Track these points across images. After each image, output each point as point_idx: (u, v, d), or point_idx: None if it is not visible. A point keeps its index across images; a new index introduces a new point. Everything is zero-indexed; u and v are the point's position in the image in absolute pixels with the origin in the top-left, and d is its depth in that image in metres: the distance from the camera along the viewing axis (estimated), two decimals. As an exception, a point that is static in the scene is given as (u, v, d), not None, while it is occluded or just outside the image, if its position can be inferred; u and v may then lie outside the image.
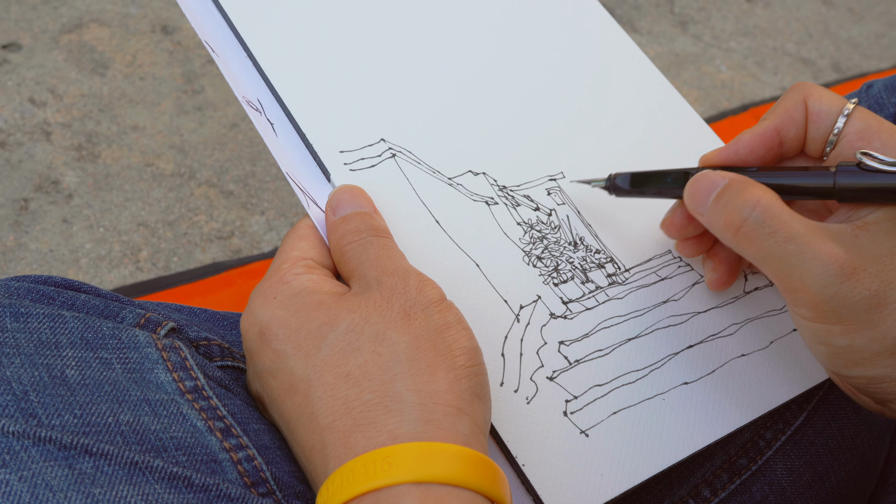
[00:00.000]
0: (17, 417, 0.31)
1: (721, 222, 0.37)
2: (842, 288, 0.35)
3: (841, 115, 0.39)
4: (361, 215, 0.40)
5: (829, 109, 0.39)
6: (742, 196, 0.36)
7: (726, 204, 0.37)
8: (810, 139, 0.40)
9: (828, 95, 0.39)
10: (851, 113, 0.38)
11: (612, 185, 0.44)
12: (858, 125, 0.38)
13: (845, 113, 0.38)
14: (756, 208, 0.36)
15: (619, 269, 0.45)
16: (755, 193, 0.36)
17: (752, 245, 0.36)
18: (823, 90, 0.40)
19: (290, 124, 0.44)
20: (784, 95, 0.41)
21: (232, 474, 0.34)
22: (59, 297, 0.37)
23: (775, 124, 0.40)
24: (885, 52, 1.44)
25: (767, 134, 0.40)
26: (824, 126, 0.39)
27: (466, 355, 0.35)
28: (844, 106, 0.39)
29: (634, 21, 1.36)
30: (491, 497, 0.32)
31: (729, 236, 0.37)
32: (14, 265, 0.90)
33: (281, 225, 0.99)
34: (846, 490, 0.48)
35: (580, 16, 0.54)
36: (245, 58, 0.46)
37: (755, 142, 0.40)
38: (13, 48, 1.08)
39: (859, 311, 0.35)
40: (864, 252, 0.35)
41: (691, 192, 0.39)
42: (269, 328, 0.36)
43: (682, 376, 0.42)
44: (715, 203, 0.38)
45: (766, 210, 0.36)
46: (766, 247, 0.36)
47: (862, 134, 0.38)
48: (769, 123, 0.40)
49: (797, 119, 0.40)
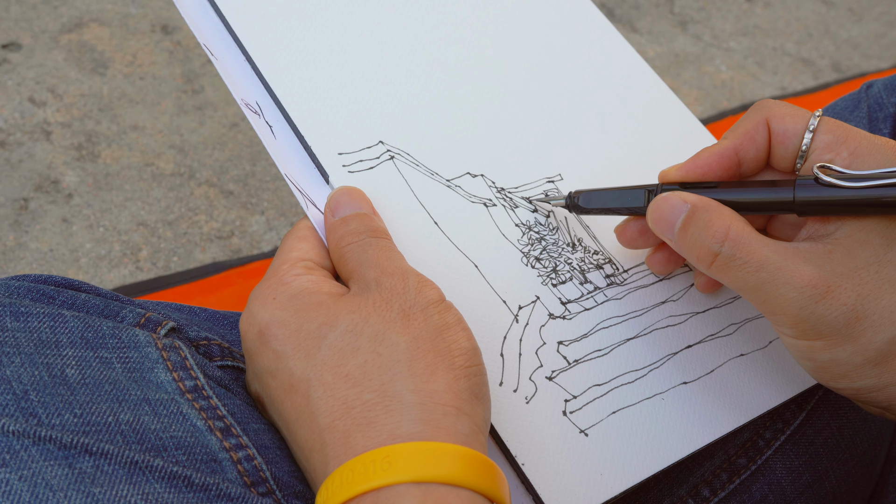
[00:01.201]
0: (17, 416, 0.31)
1: (693, 256, 0.38)
2: (818, 308, 0.35)
3: (807, 130, 0.38)
4: (360, 216, 0.40)
5: (794, 128, 0.38)
6: (710, 230, 0.37)
7: (694, 238, 0.37)
8: (779, 158, 0.39)
9: (791, 114, 0.39)
10: (817, 127, 0.38)
11: (572, 204, 0.43)
12: (826, 138, 0.38)
13: (811, 128, 0.38)
14: (725, 242, 0.36)
15: (617, 269, 0.45)
16: (722, 224, 0.37)
17: (726, 276, 0.37)
18: (787, 107, 0.39)
19: (289, 127, 0.44)
20: (745, 115, 0.40)
21: (232, 474, 0.34)
22: (59, 296, 0.37)
23: (734, 144, 0.40)
24: (885, 52, 1.44)
25: (726, 154, 0.40)
26: (791, 144, 0.39)
27: (465, 355, 0.35)
28: (809, 121, 0.38)
29: (634, 21, 1.36)
30: (490, 496, 0.32)
31: (703, 268, 0.38)
32: (14, 265, 0.90)
33: (281, 225, 0.99)
34: (845, 489, 0.48)
35: (577, 19, 0.54)
36: (244, 61, 0.46)
37: (713, 160, 0.40)
38: (13, 48, 1.09)
39: (838, 326, 0.35)
40: (837, 268, 0.35)
41: (655, 217, 0.39)
42: (268, 328, 0.36)
43: (681, 376, 0.42)
44: (682, 233, 0.38)
45: (735, 243, 0.36)
46: (740, 277, 0.36)
47: (830, 146, 0.37)
48: (728, 143, 0.40)
49: (757, 141, 0.39)
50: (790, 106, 0.39)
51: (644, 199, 0.41)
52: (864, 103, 0.55)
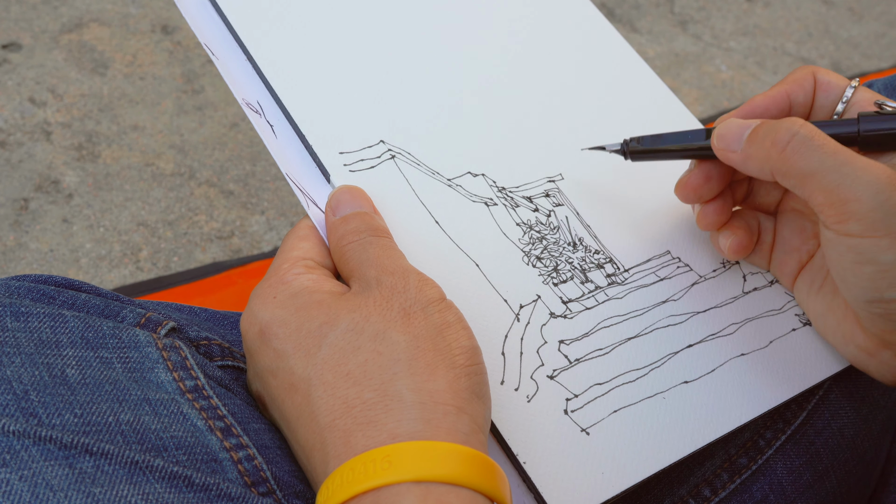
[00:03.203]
0: (17, 417, 0.31)
1: (765, 145, 0.38)
2: (893, 194, 0.35)
3: (849, 86, 0.42)
4: (361, 215, 0.40)
5: (838, 82, 0.42)
6: (784, 122, 0.38)
7: (769, 130, 0.39)
8: (819, 107, 0.43)
9: (835, 74, 0.43)
10: (858, 87, 0.42)
11: (630, 150, 0.45)
12: (865, 95, 0.41)
13: (853, 85, 0.42)
14: (803, 126, 0.38)
15: (618, 269, 0.45)
16: (796, 119, 0.38)
17: (801, 159, 0.37)
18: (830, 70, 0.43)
19: (290, 126, 0.44)
20: (793, 71, 0.44)
21: (232, 474, 0.34)
22: (59, 296, 0.37)
23: (786, 89, 0.43)
24: (885, 52, 1.44)
25: (779, 96, 0.43)
26: (833, 94, 0.42)
27: (466, 354, 0.35)
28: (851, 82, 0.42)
29: (634, 21, 1.36)
30: (491, 496, 0.32)
31: (775, 155, 0.38)
32: (14, 265, 0.90)
33: (281, 224, 0.99)
34: (846, 489, 0.48)
35: (576, 19, 0.54)
36: (245, 61, 0.46)
37: (767, 102, 0.42)
38: (13, 48, 1.09)
39: None
40: None
41: (722, 132, 0.41)
42: (269, 327, 0.36)
43: (682, 375, 0.42)
44: (753, 136, 0.39)
45: (812, 128, 0.38)
46: (816, 158, 0.37)
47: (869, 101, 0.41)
48: (780, 88, 0.43)
49: (806, 87, 0.43)
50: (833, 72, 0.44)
51: (704, 135, 0.43)
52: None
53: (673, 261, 0.46)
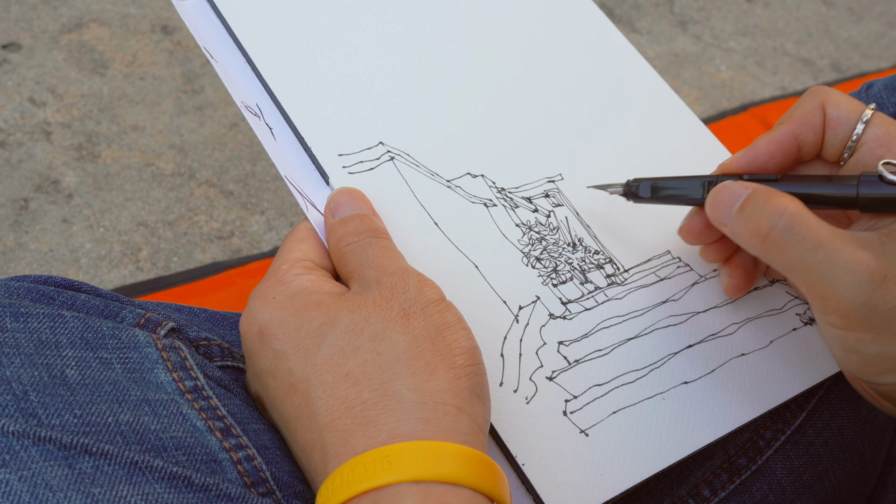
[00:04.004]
0: (17, 417, 0.31)
1: (748, 231, 0.37)
2: (874, 295, 0.34)
3: (860, 121, 0.38)
4: (360, 217, 0.40)
5: (848, 116, 0.38)
6: (768, 205, 0.36)
7: (752, 213, 0.36)
8: (828, 144, 0.39)
9: (846, 101, 0.39)
10: (870, 119, 0.38)
11: (631, 193, 0.44)
12: (878, 131, 0.38)
13: (864, 119, 0.38)
14: (784, 216, 0.35)
15: (617, 269, 0.45)
16: (781, 202, 0.36)
17: (780, 253, 0.36)
18: (841, 95, 0.39)
19: (289, 129, 0.44)
20: (800, 100, 0.40)
21: (232, 474, 0.34)
22: (59, 296, 0.37)
23: (793, 129, 0.39)
24: (885, 52, 1.44)
25: (785, 140, 0.39)
26: (843, 132, 0.39)
27: (466, 355, 0.35)
28: (863, 112, 0.38)
29: (634, 21, 1.36)
30: (490, 496, 0.32)
31: (756, 244, 0.37)
32: (14, 265, 0.90)
33: (281, 225, 0.99)
34: (846, 489, 0.48)
35: (577, 18, 0.54)
36: (244, 63, 0.46)
37: (773, 147, 0.39)
38: (13, 48, 1.09)
39: (891, 318, 0.34)
40: (892, 259, 0.34)
41: (714, 202, 0.39)
42: (268, 328, 0.36)
43: (681, 376, 0.42)
44: (739, 213, 0.37)
45: (794, 217, 0.35)
46: (796, 254, 0.35)
47: (882, 140, 0.38)
48: (786, 129, 0.40)
49: (815, 124, 0.39)
50: (844, 94, 0.39)
51: (703, 190, 0.41)
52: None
53: (673, 261, 0.46)
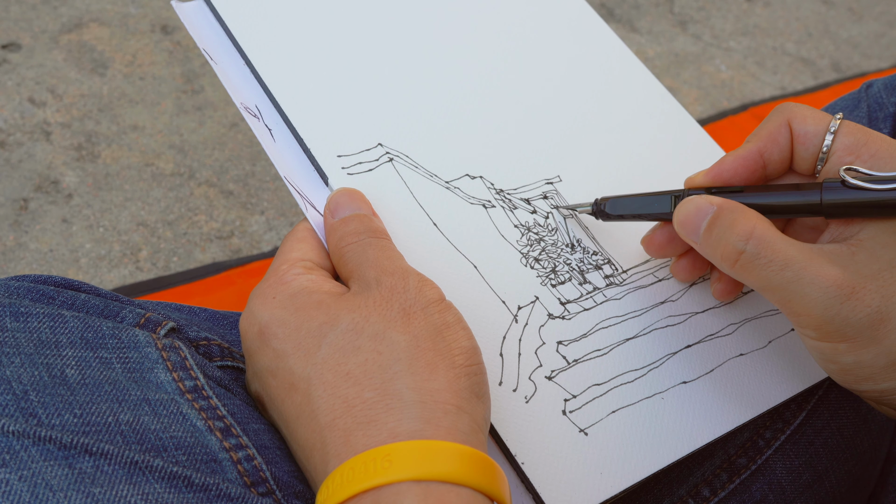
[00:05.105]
0: (17, 417, 0.32)
1: (717, 255, 0.38)
2: (843, 308, 0.35)
3: (828, 132, 0.38)
4: (360, 217, 0.40)
5: (815, 129, 0.39)
6: (735, 229, 0.37)
7: (720, 237, 0.37)
8: (800, 159, 0.40)
9: (812, 115, 0.39)
10: (838, 129, 0.38)
11: (598, 211, 0.44)
12: (846, 140, 0.38)
13: (832, 130, 0.38)
14: (750, 241, 0.36)
15: (616, 270, 0.45)
16: (747, 224, 0.37)
17: (750, 275, 0.37)
18: (808, 110, 0.40)
19: (288, 130, 0.45)
20: (767, 118, 0.41)
21: (232, 474, 0.34)
22: (58, 296, 0.37)
23: (759, 147, 0.40)
24: (884, 52, 1.44)
25: (751, 157, 0.40)
26: (812, 146, 0.39)
27: (465, 354, 0.35)
28: (830, 123, 0.39)
29: (634, 21, 1.36)
30: (490, 495, 0.32)
31: (727, 267, 0.37)
32: (14, 265, 0.90)
33: (281, 224, 0.99)
34: (845, 489, 0.48)
35: (574, 21, 0.54)
36: (243, 65, 0.46)
37: (738, 164, 0.40)
38: (13, 48, 1.09)
39: (863, 328, 0.35)
40: (862, 270, 0.35)
41: (681, 219, 0.39)
42: (268, 328, 0.36)
43: (680, 375, 0.42)
44: (707, 233, 0.38)
45: (760, 241, 0.36)
46: (764, 276, 0.36)
47: (851, 148, 0.38)
48: (752, 147, 0.40)
49: (780, 142, 0.40)
50: (811, 108, 0.40)
51: (670, 204, 0.41)
52: (864, 103, 0.55)
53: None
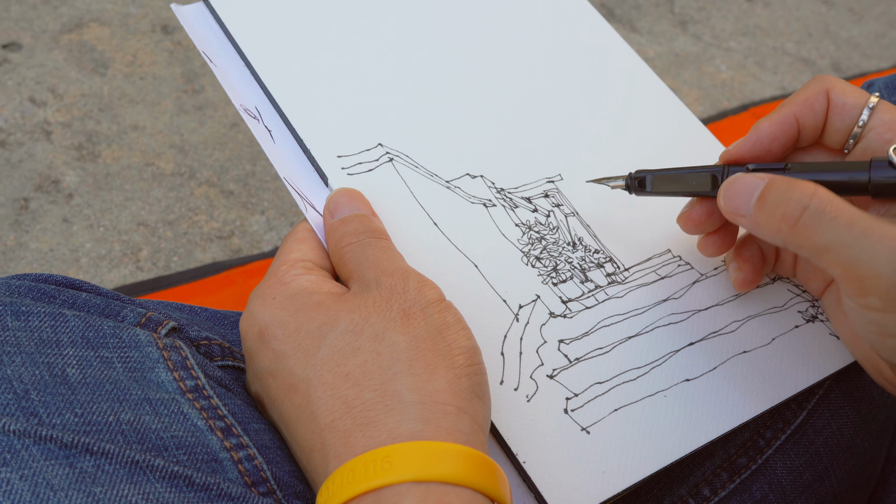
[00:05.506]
0: (17, 416, 0.31)
1: (776, 217, 0.36)
2: None
3: (866, 107, 0.38)
4: (359, 217, 0.40)
5: (854, 102, 0.38)
6: (794, 189, 0.35)
7: (778, 199, 0.36)
8: (833, 130, 0.39)
9: (851, 89, 0.39)
10: (876, 105, 0.38)
11: (634, 186, 0.44)
12: (885, 117, 0.38)
13: (870, 105, 0.38)
14: (814, 197, 0.35)
15: (618, 268, 0.45)
16: (808, 185, 0.35)
17: (813, 234, 0.35)
18: (846, 84, 0.39)
19: (288, 131, 0.45)
20: (805, 85, 0.40)
21: (232, 473, 0.34)
22: (59, 295, 0.37)
23: (794, 111, 0.39)
24: (885, 52, 1.44)
25: (787, 121, 0.40)
26: (849, 118, 0.39)
27: (465, 355, 0.35)
28: (868, 99, 0.38)
29: (634, 21, 1.36)
30: (491, 496, 0.32)
31: (786, 229, 0.36)
32: (14, 265, 0.90)
33: (281, 224, 0.99)
34: (846, 489, 0.48)
35: (574, 19, 0.54)
36: (242, 67, 0.46)
37: (775, 129, 0.39)
38: (13, 48, 1.09)
39: None
40: None
41: (729, 193, 0.38)
42: (268, 328, 0.36)
43: (683, 373, 0.42)
44: (761, 202, 0.37)
45: (824, 198, 0.35)
46: (830, 234, 0.34)
47: (890, 125, 0.38)
48: (788, 110, 0.40)
49: (817, 109, 0.39)
50: (849, 83, 0.39)
51: (709, 183, 0.40)
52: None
53: (674, 259, 0.46)
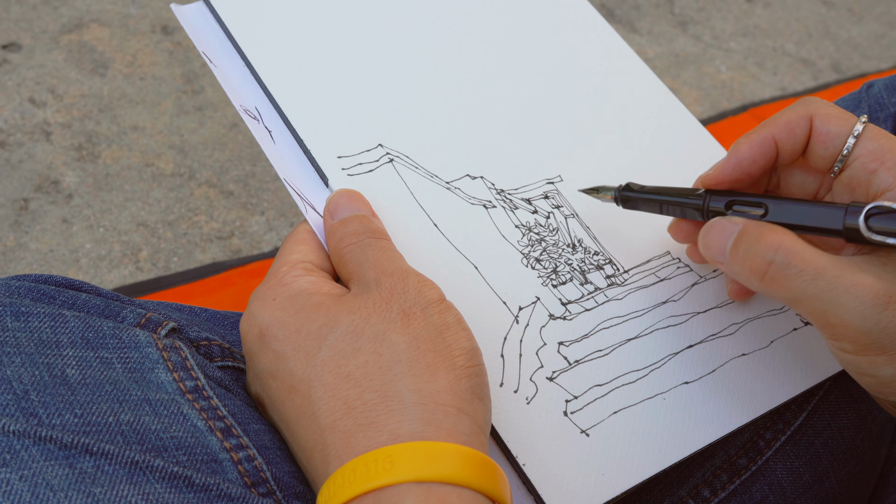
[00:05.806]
0: (17, 417, 0.31)
1: (745, 269, 0.36)
2: (882, 318, 0.34)
3: (850, 135, 0.37)
4: (359, 218, 0.40)
5: (838, 130, 0.38)
6: (762, 241, 0.36)
7: (747, 251, 0.36)
8: (818, 157, 0.39)
9: (836, 116, 0.38)
10: (861, 133, 0.37)
11: (623, 199, 0.44)
12: (870, 145, 0.37)
13: (855, 133, 0.37)
14: (779, 251, 0.35)
15: (617, 270, 0.45)
16: (774, 237, 0.35)
17: (780, 287, 0.35)
18: (833, 109, 0.38)
19: (288, 131, 0.45)
20: (790, 107, 0.39)
21: (232, 474, 0.34)
22: (59, 296, 0.37)
23: (774, 133, 0.39)
24: (885, 52, 1.44)
25: (766, 143, 0.39)
26: (833, 147, 0.38)
27: (466, 355, 0.35)
28: (854, 126, 0.37)
29: (634, 21, 1.36)
30: (491, 496, 0.32)
31: (755, 282, 0.36)
32: (14, 265, 0.90)
33: (281, 225, 0.99)
34: (846, 490, 0.48)
35: (576, 20, 0.54)
36: (243, 67, 0.46)
37: (754, 152, 0.39)
38: (13, 48, 1.08)
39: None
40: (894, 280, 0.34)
41: (707, 241, 0.39)
42: (268, 329, 0.36)
43: (682, 376, 0.42)
44: (734, 250, 0.37)
45: (789, 251, 0.35)
46: (796, 287, 0.35)
47: (875, 154, 0.37)
48: (767, 132, 0.39)
49: (797, 134, 0.39)
50: (837, 108, 0.38)
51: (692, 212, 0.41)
52: (865, 103, 0.55)
53: (673, 261, 0.46)
